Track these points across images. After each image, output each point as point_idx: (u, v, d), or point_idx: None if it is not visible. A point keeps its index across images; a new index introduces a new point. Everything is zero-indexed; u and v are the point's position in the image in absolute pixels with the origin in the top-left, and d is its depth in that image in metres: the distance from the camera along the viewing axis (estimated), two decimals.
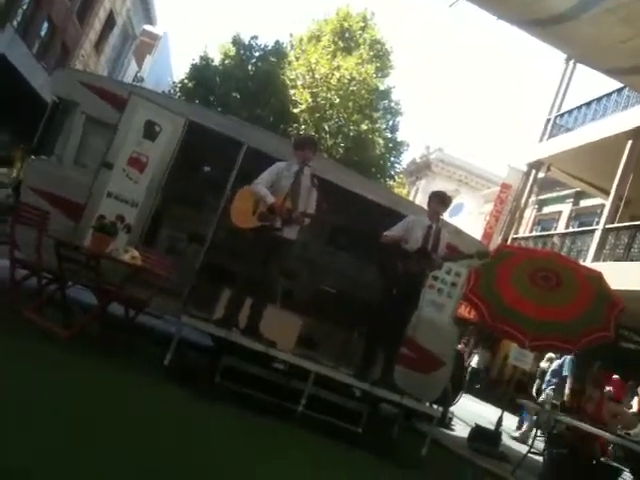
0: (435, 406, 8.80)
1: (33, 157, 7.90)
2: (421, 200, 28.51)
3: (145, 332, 7.70)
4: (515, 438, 10.92)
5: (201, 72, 25.38)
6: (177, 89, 26.07)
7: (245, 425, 5.38)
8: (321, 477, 4.72)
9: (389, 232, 6.62)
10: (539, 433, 8.94)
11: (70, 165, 7.50)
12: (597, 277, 8.13)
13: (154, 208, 7.74)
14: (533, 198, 22.83)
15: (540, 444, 8.45)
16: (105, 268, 5.93)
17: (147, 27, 33.28)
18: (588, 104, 19.29)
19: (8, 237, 5.99)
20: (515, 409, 13.30)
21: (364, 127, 24.70)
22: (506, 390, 15.41)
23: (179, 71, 31.50)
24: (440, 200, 6.85)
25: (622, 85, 16.03)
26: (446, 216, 7.16)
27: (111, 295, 5.71)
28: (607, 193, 17.11)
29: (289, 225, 6.32)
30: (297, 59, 25.99)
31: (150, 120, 7.55)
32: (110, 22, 26.68)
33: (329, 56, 25.31)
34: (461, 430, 9.52)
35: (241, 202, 6.50)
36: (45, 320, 5.53)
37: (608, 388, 10.00)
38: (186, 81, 25.88)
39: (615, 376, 11.06)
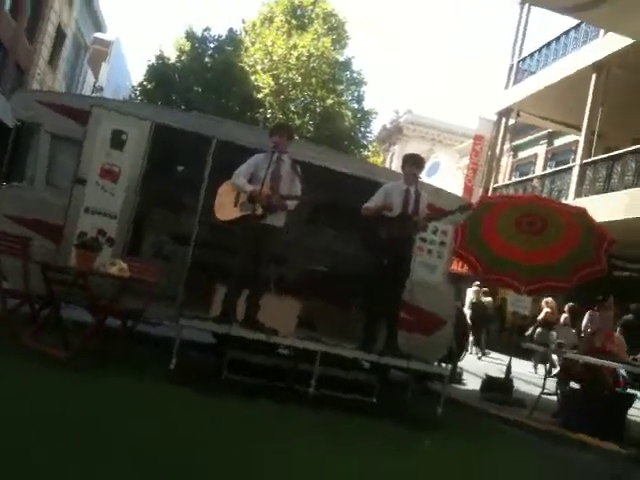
0: (443, 364, 8.91)
1: (4, 184, 7.82)
2: (397, 165, 28.48)
3: (146, 339, 7.71)
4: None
5: (159, 72, 25.13)
6: (137, 92, 25.82)
7: (263, 414, 5.40)
8: (346, 453, 4.74)
9: (368, 204, 6.62)
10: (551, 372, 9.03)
11: (43, 187, 7.43)
12: (581, 214, 8.22)
13: (133, 216, 7.71)
14: (507, 145, 22.89)
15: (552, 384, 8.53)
16: (95, 284, 5.90)
17: (98, 35, 32.77)
18: (548, 45, 19.32)
19: None
20: (520, 354, 13.52)
21: (330, 101, 24.62)
22: (510, 337, 15.59)
23: (137, 74, 31.16)
24: (413, 162, 6.85)
25: (579, 21, 16.07)
26: (423, 176, 7.17)
27: (105, 310, 5.70)
28: (579, 129, 17.20)
29: (273, 212, 6.32)
30: (253, 44, 25.78)
31: (115, 129, 7.49)
32: (60, 36, 26.26)
33: (284, 36, 25.10)
34: (473, 383, 9.60)
35: (223, 196, 6.52)
36: (44, 344, 5.51)
37: None
38: (145, 83, 25.63)
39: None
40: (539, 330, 13.47)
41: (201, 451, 4.03)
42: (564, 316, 13.20)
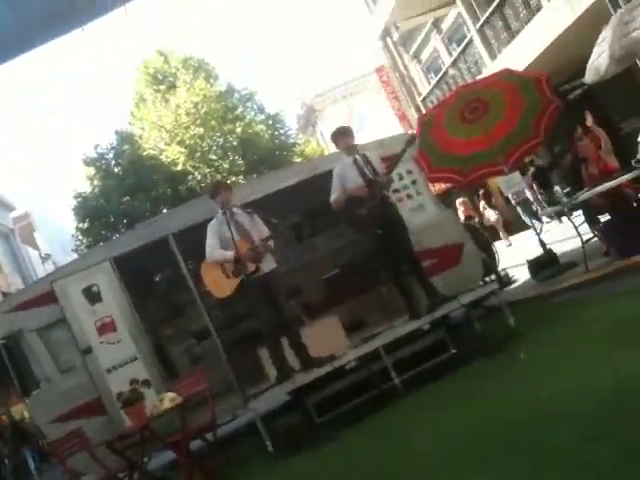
0: (487, 279, 8.93)
1: (26, 399, 7.81)
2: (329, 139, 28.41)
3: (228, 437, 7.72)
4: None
5: (85, 208, 25.02)
6: (80, 237, 25.72)
7: (396, 419, 5.36)
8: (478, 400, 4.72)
9: (333, 196, 6.60)
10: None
11: (60, 378, 7.41)
12: (507, 74, 8.25)
13: (150, 345, 7.70)
14: (407, 57, 22.98)
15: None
16: (160, 424, 5.90)
17: (12, 215, 32.66)
18: None
19: (67, 475, 5.96)
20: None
21: (239, 130, 24.58)
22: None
23: (70, 221, 30.95)
24: (341, 135, 6.85)
25: None
26: (359, 134, 7.13)
27: (182, 442, 5.68)
28: (454, 1, 17.36)
29: (261, 260, 6.33)
30: (143, 129, 25.72)
31: (84, 287, 7.48)
32: None
33: (163, 104, 25.07)
34: (523, 275, 9.56)
35: (210, 276, 6.48)
36: None
37: None
38: (80, 225, 25.52)
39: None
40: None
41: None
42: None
